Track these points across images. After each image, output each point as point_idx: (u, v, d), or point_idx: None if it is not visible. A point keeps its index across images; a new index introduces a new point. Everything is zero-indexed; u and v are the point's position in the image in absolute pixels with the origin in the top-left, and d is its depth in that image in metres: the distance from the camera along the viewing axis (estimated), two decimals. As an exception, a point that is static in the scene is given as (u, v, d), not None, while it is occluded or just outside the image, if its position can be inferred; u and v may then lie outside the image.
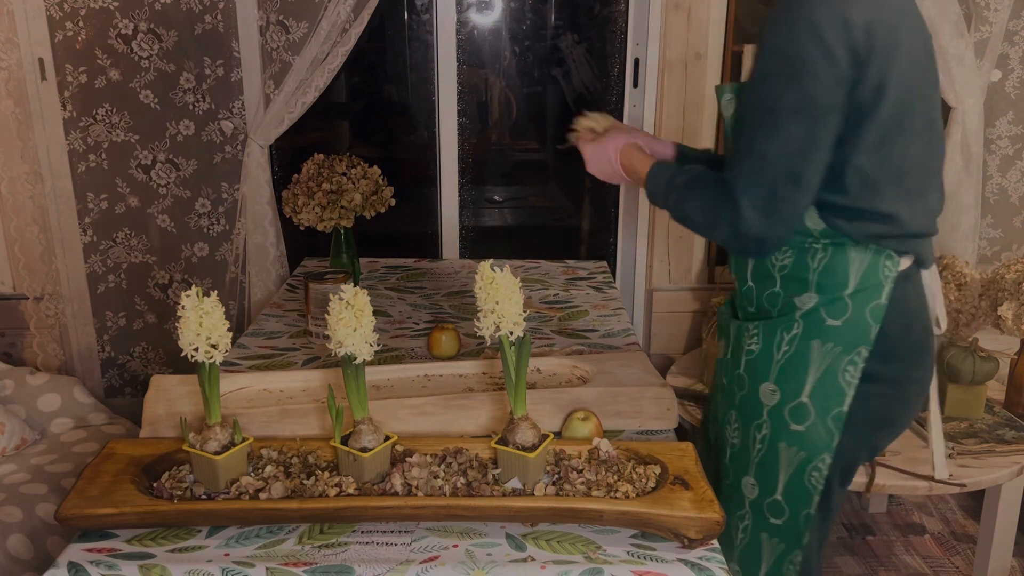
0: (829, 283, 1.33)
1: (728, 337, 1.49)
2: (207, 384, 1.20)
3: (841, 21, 1.19)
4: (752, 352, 1.40)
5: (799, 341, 1.35)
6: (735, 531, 1.49)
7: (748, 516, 1.47)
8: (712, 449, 1.58)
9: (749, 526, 1.47)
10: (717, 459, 1.53)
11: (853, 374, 1.33)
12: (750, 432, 1.42)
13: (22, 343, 2.93)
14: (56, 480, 2.11)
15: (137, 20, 2.68)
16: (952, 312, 2.28)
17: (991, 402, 2.26)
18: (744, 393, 1.43)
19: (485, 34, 3.02)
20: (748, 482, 1.45)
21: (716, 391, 1.55)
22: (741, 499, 1.47)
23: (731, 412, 1.46)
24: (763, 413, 1.40)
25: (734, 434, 1.46)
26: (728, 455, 1.48)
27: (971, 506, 2.73)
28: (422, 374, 1.61)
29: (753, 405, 1.41)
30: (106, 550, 1.12)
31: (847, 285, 1.32)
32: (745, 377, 1.42)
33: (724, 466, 1.50)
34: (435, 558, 1.10)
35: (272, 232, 2.82)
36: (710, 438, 1.59)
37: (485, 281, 1.17)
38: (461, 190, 3.02)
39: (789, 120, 1.22)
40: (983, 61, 2.63)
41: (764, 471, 1.42)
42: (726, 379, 1.48)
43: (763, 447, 1.41)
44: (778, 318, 1.38)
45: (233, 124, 2.80)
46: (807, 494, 1.40)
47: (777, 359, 1.37)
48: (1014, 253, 2.92)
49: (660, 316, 2.97)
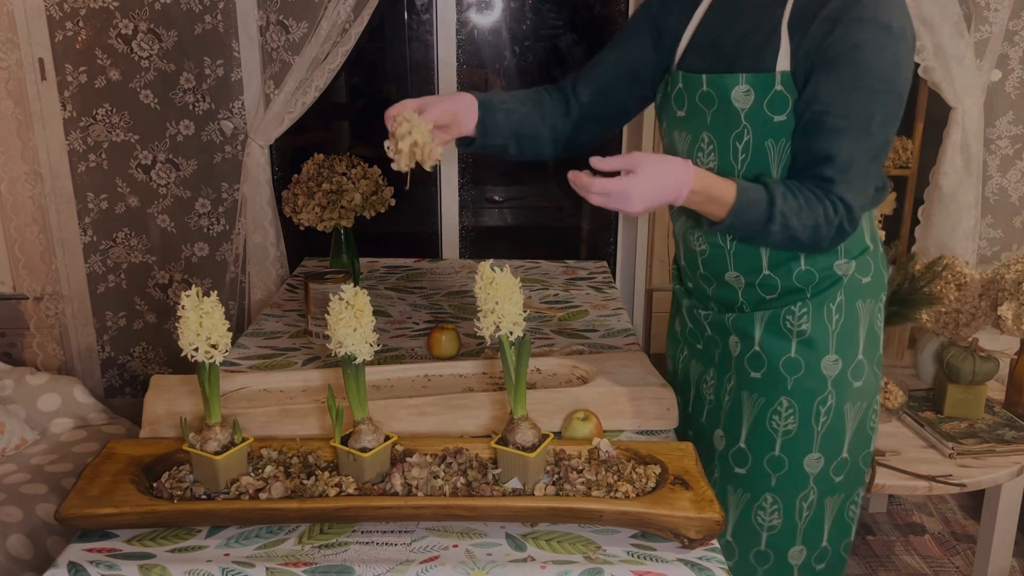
0: (854, 245, 1.40)
1: (727, 334, 1.47)
2: (207, 384, 1.20)
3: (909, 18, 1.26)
4: (804, 332, 1.40)
5: (846, 306, 1.41)
6: (797, 513, 1.48)
7: (813, 492, 1.47)
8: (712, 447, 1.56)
9: (814, 501, 1.48)
10: (727, 459, 1.50)
11: (881, 319, 1.47)
12: (812, 410, 1.42)
13: (22, 343, 2.93)
14: (56, 480, 2.11)
15: (137, 20, 2.68)
16: (952, 312, 2.28)
17: (991, 402, 2.26)
18: (800, 375, 1.41)
19: (485, 34, 3.02)
20: (811, 459, 1.45)
21: (729, 392, 1.49)
22: (803, 479, 1.46)
23: (779, 400, 1.42)
24: (827, 385, 1.42)
25: (786, 421, 1.43)
26: (779, 445, 1.44)
27: (971, 506, 2.73)
28: (422, 374, 1.61)
29: (814, 382, 1.41)
30: (106, 550, 1.12)
31: (865, 243, 1.43)
32: (800, 359, 1.41)
33: (772, 458, 1.45)
34: (435, 558, 1.10)
35: (272, 232, 2.82)
36: (704, 439, 1.56)
37: (485, 281, 1.17)
38: (461, 190, 3.02)
39: (892, 120, 1.27)
40: (983, 61, 2.63)
41: (829, 440, 1.44)
42: (759, 372, 1.43)
43: (828, 418, 1.43)
44: (823, 292, 1.40)
45: (233, 124, 2.80)
46: (867, 438, 1.50)
47: (833, 330, 1.40)
48: (1014, 253, 2.92)
49: (660, 316, 2.97)
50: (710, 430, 1.54)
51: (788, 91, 1.29)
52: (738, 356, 1.46)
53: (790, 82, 1.28)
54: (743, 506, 1.49)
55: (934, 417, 2.19)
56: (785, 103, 1.29)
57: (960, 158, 2.70)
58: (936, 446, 2.10)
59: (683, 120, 1.42)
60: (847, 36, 1.22)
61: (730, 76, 1.32)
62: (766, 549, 1.50)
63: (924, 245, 2.81)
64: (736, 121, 1.33)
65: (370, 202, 2.12)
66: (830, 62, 1.23)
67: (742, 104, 1.32)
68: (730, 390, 1.48)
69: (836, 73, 1.23)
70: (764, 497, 1.47)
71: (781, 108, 1.30)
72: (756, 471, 1.47)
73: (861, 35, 1.22)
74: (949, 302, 2.26)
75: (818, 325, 1.40)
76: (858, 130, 1.24)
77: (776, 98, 1.29)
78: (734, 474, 1.49)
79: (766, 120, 1.31)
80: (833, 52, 1.23)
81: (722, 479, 1.51)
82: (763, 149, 1.33)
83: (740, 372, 1.46)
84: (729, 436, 1.49)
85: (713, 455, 1.52)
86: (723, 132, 1.36)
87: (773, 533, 1.49)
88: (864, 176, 1.28)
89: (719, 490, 1.51)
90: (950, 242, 2.75)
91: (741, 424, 1.47)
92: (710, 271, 1.47)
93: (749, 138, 1.33)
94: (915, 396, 2.29)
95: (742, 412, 1.46)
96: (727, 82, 1.32)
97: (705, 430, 1.55)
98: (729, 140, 1.35)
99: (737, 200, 1.24)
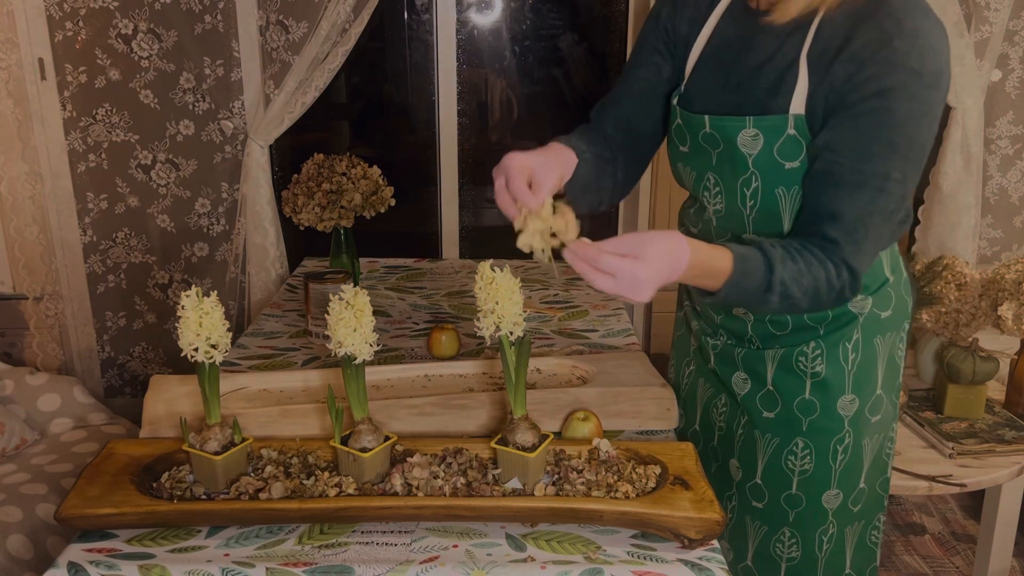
0: (872, 280, 1.30)
1: (734, 370, 1.41)
2: (207, 384, 1.20)
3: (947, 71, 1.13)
4: (819, 374, 1.31)
5: (863, 344, 1.32)
6: (817, 547, 1.41)
7: (833, 526, 1.40)
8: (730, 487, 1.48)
9: (834, 534, 1.41)
10: (743, 497, 1.44)
11: (903, 348, 1.38)
12: (829, 449, 1.34)
13: (22, 343, 2.93)
14: (56, 480, 2.11)
15: (137, 20, 2.68)
16: (952, 312, 2.28)
17: (991, 402, 2.26)
18: (815, 417, 1.33)
19: (485, 34, 3.02)
20: (830, 495, 1.37)
21: (742, 426, 1.41)
22: (822, 514, 1.38)
23: (794, 440, 1.35)
24: (844, 425, 1.34)
25: (802, 461, 1.35)
26: (795, 484, 1.37)
27: (971, 506, 2.73)
28: (422, 374, 1.61)
29: (831, 422, 1.33)
30: (106, 550, 1.12)
31: (884, 275, 1.32)
32: (816, 400, 1.32)
33: (789, 496, 1.38)
34: (435, 558, 1.10)
35: (272, 232, 2.82)
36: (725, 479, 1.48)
37: (485, 281, 1.17)
38: (461, 190, 3.02)
39: (912, 175, 1.15)
40: (983, 61, 2.63)
41: (847, 475, 1.37)
42: (773, 412, 1.36)
43: (846, 456, 1.35)
44: (836, 332, 1.30)
45: (233, 124, 2.80)
46: (884, 465, 1.43)
47: (849, 370, 1.32)
48: (1014, 253, 2.92)
49: (660, 316, 2.97)
50: (724, 457, 1.47)
51: (802, 136, 1.16)
52: (748, 394, 1.39)
53: (804, 126, 1.16)
54: (761, 537, 1.44)
55: (934, 417, 2.19)
56: (799, 149, 1.17)
57: (960, 158, 2.70)
58: (936, 446, 2.09)
59: (687, 156, 1.31)
60: (873, 81, 1.09)
61: (736, 120, 1.19)
62: None
63: (924, 245, 2.81)
64: (743, 166, 1.22)
65: (370, 202, 2.12)
66: (850, 108, 1.11)
67: (750, 149, 1.20)
68: (743, 424, 1.42)
69: (855, 121, 1.11)
70: (782, 531, 1.41)
71: (794, 155, 1.18)
72: (773, 507, 1.40)
73: (888, 80, 1.09)
74: (949, 302, 2.26)
75: (833, 367, 1.31)
76: (872, 187, 1.12)
77: (788, 143, 1.17)
78: (752, 507, 1.43)
79: (777, 167, 1.19)
80: (855, 97, 1.10)
81: (740, 509, 1.46)
82: (773, 196, 1.21)
83: (752, 411, 1.39)
84: (745, 470, 1.43)
85: (730, 483, 1.46)
86: (729, 176, 1.25)
87: (792, 565, 1.43)
88: (874, 238, 1.17)
89: (737, 519, 1.46)
90: (950, 242, 2.75)
91: (756, 460, 1.40)
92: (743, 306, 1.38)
93: (758, 185, 1.22)
94: (915, 396, 2.29)
95: (756, 449, 1.39)
96: (732, 125, 1.20)
97: (719, 455, 1.49)
98: (736, 185, 1.24)
99: (734, 271, 1.12)
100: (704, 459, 1.49)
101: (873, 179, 1.12)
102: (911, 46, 1.08)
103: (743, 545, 1.47)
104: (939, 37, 1.10)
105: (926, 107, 1.11)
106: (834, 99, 1.13)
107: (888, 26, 1.08)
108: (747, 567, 1.48)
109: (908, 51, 1.08)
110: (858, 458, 1.37)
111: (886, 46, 1.08)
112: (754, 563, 1.46)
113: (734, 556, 1.49)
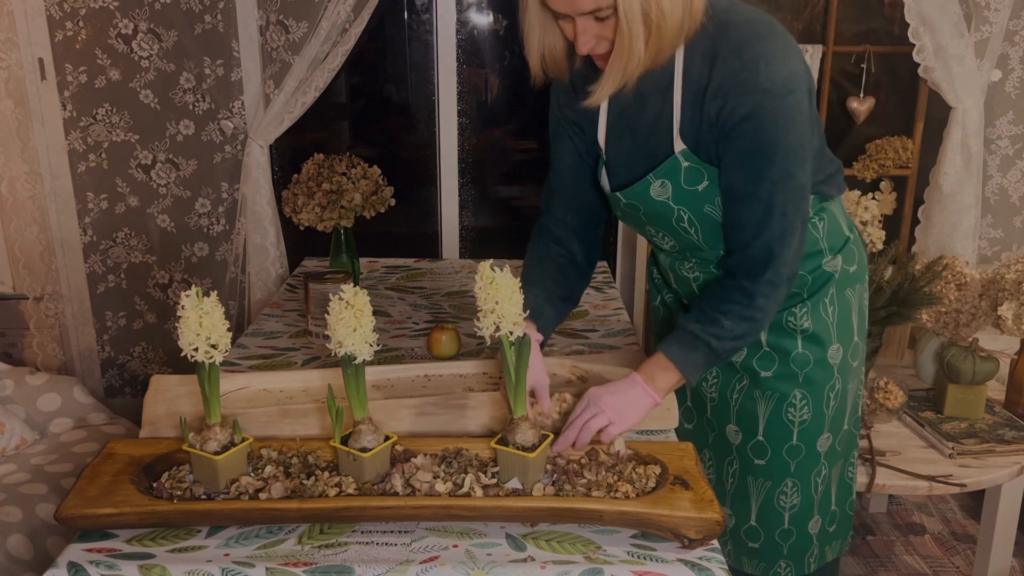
0: (835, 240, 1.47)
1: None
2: (207, 384, 1.20)
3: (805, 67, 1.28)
4: (807, 329, 1.46)
5: (838, 298, 1.47)
6: (813, 489, 1.54)
7: (824, 467, 1.54)
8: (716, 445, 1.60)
9: (826, 475, 1.55)
10: (739, 456, 1.56)
11: (866, 297, 1.55)
12: (823, 397, 1.49)
13: (22, 343, 2.93)
14: (56, 480, 2.11)
15: (137, 20, 2.68)
16: (952, 312, 2.28)
17: (991, 402, 2.26)
18: (809, 368, 1.47)
19: (485, 34, 3.02)
20: (823, 439, 1.52)
21: (739, 391, 1.53)
22: (816, 458, 1.52)
23: (793, 393, 1.48)
24: (834, 373, 1.49)
25: (801, 412, 1.49)
26: (795, 434, 1.50)
27: (971, 506, 2.73)
28: (422, 374, 1.61)
29: (824, 371, 1.48)
30: (106, 550, 1.12)
31: (844, 233, 1.49)
32: (808, 353, 1.47)
33: (791, 447, 1.51)
34: (435, 558, 1.10)
35: (272, 232, 2.82)
36: (711, 436, 1.60)
37: (485, 281, 1.17)
38: (461, 190, 3.02)
39: (796, 169, 1.28)
40: (983, 61, 2.63)
41: (837, 419, 1.53)
42: (771, 370, 1.48)
43: (837, 401, 1.51)
44: (818, 292, 1.46)
45: (233, 124, 2.80)
46: (856, 406, 1.59)
47: (832, 322, 1.47)
48: (1014, 253, 2.92)
49: (660, 316, 2.97)
50: (720, 425, 1.58)
51: (694, 161, 1.31)
52: (745, 358, 1.50)
53: (691, 155, 1.31)
54: (765, 493, 1.55)
55: (934, 417, 2.19)
56: (700, 172, 1.32)
57: (960, 158, 2.70)
58: (936, 446, 2.10)
59: (623, 218, 1.48)
60: (738, 108, 1.23)
61: (642, 183, 1.36)
62: (789, 527, 1.56)
63: (924, 245, 2.81)
64: (667, 209, 1.37)
65: (370, 202, 2.12)
66: (728, 134, 1.26)
67: (664, 194, 1.36)
68: (739, 389, 1.53)
69: (735, 143, 1.26)
70: (785, 483, 1.54)
71: (699, 178, 1.33)
72: (776, 460, 1.53)
73: (748, 106, 1.23)
74: (949, 302, 2.26)
75: (818, 321, 1.46)
76: (763, 193, 1.27)
77: (689, 173, 1.32)
78: (754, 466, 1.55)
79: (692, 194, 1.34)
80: (729, 125, 1.25)
81: (742, 470, 1.56)
82: (705, 215, 1.36)
83: (750, 372, 1.50)
84: (745, 431, 1.54)
85: (729, 448, 1.57)
86: (663, 221, 1.40)
87: (794, 512, 1.55)
88: (785, 240, 1.30)
89: (739, 480, 1.57)
90: (950, 242, 2.75)
91: (757, 419, 1.52)
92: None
93: (688, 215, 1.37)
94: (915, 396, 2.29)
95: (756, 408, 1.51)
96: (641, 188, 1.37)
97: (714, 425, 1.59)
98: (672, 224, 1.40)
99: (682, 371, 1.32)
100: (700, 432, 1.61)
101: (762, 185, 1.27)
102: (755, 72, 1.22)
103: (745, 508, 1.57)
104: (778, 48, 1.23)
105: (789, 112, 1.24)
106: (715, 130, 1.28)
107: (732, 62, 1.23)
108: (751, 528, 1.58)
109: (754, 76, 1.22)
110: (844, 402, 1.53)
111: (735, 78, 1.23)
112: (758, 521, 1.57)
113: (736, 521, 1.60)
